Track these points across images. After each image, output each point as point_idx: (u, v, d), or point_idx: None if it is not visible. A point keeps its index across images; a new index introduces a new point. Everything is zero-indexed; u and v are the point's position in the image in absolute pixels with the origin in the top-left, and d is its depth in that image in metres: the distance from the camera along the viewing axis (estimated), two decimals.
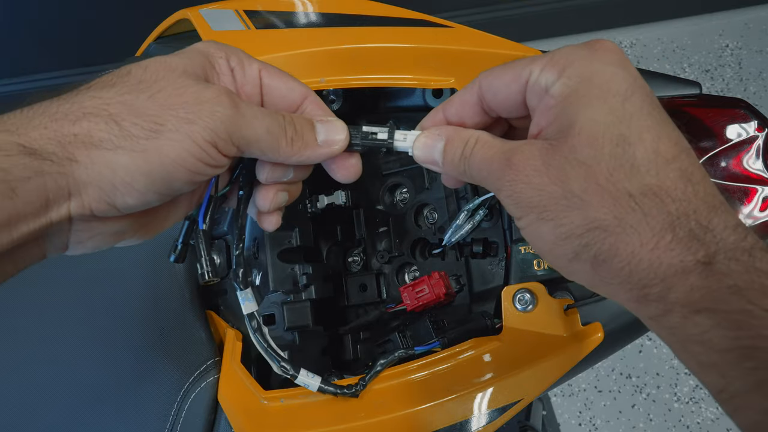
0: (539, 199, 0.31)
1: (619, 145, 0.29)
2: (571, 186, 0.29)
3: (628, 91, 0.30)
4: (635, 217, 0.28)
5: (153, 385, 0.54)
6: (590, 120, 0.30)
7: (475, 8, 1.62)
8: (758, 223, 0.48)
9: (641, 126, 0.29)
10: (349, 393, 0.46)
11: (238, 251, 0.40)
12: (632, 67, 0.31)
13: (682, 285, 0.27)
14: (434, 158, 0.37)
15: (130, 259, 0.57)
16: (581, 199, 0.29)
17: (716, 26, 1.81)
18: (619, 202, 0.29)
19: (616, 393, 1.51)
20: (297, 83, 0.38)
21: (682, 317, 0.28)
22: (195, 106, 0.32)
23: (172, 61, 0.34)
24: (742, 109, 0.49)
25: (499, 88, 0.34)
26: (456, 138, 0.36)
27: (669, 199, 0.28)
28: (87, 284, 0.59)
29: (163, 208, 0.36)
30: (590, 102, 0.30)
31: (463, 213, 0.50)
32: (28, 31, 1.42)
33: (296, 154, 0.36)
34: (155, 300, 0.56)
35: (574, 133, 0.30)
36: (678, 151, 0.29)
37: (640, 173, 0.28)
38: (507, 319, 0.47)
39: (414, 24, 0.52)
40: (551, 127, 0.31)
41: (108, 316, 0.58)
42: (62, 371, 0.58)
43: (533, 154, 0.31)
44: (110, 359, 0.57)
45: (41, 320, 0.59)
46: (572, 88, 0.30)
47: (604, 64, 0.31)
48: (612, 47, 0.31)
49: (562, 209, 0.30)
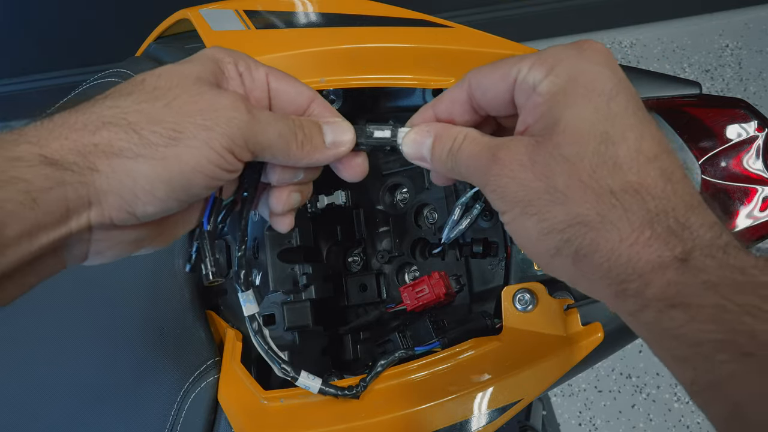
0: (524, 194, 0.31)
1: (602, 142, 0.30)
2: (555, 181, 0.30)
3: (614, 90, 0.31)
4: (616, 213, 0.29)
5: (153, 385, 0.54)
6: (575, 118, 0.30)
7: (475, 8, 1.62)
8: (758, 223, 0.48)
9: (625, 125, 0.30)
10: (350, 394, 0.46)
11: (240, 252, 0.40)
12: (618, 67, 0.32)
13: (659, 280, 0.28)
14: (423, 154, 0.37)
15: (130, 259, 0.57)
16: (564, 194, 0.30)
17: (716, 26, 1.81)
18: (601, 198, 0.29)
19: (616, 393, 1.51)
20: (304, 86, 0.39)
21: (658, 312, 0.28)
22: (212, 113, 0.32)
23: (185, 69, 0.34)
24: (742, 109, 0.49)
25: (488, 86, 0.35)
26: (444, 135, 0.36)
27: (649, 197, 0.29)
28: (87, 284, 0.59)
29: (179, 214, 0.37)
30: (576, 100, 0.31)
31: (458, 208, 0.50)
32: (28, 31, 1.42)
33: (306, 157, 0.36)
34: (155, 300, 0.56)
35: (559, 130, 0.30)
36: (660, 151, 0.30)
37: (622, 171, 0.29)
38: (507, 319, 0.47)
39: (414, 24, 0.52)
40: (537, 124, 0.32)
41: (108, 316, 0.58)
42: (62, 371, 0.58)
43: (519, 150, 0.32)
44: (110, 359, 0.57)
45: (41, 320, 0.59)
46: (559, 86, 0.31)
47: (591, 63, 0.31)
48: (599, 47, 0.32)
49: (546, 204, 0.30)
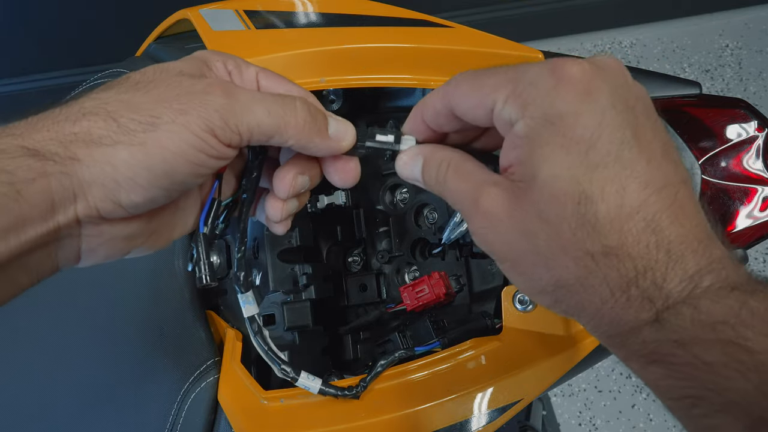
0: (510, 254, 0.31)
1: (581, 203, 0.29)
2: (538, 244, 0.30)
3: (594, 135, 0.29)
4: (596, 279, 0.29)
5: (153, 385, 0.54)
6: (552, 176, 0.29)
7: (475, 8, 1.62)
8: (758, 223, 0.48)
9: (605, 178, 0.29)
10: (350, 395, 0.46)
11: (239, 254, 0.40)
12: (603, 94, 0.29)
13: (636, 339, 0.29)
14: (416, 177, 0.37)
15: (130, 259, 0.57)
16: (547, 257, 0.30)
17: (716, 26, 1.81)
18: (580, 262, 0.29)
19: (616, 393, 1.51)
20: (294, 86, 0.38)
21: (639, 366, 0.30)
22: (187, 97, 0.32)
23: (170, 65, 0.34)
24: (742, 109, 0.49)
25: (466, 110, 0.33)
26: (431, 160, 0.35)
27: (628, 259, 0.28)
28: (87, 285, 0.59)
29: (172, 213, 0.36)
30: (553, 152, 0.29)
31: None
32: (28, 31, 1.42)
33: (306, 137, 0.35)
34: (155, 300, 0.56)
35: (536, 186, 0.29)
36: (646, 196, 0.29)
37: (601, 233, 0.28)
38: (507, 319, 0.47)
39: (414, 24, 0.52)
40: (518, 169, 0.31)
41: (108, 316, 0.58)
42: (62, 371, 0.58)
43: (500, 203, 0.31)
44: (110, 359, 0.57)
45: (42, 321, 0.59)
46: (536, 131, 0.30)
47: (568, 101, 0.29)
48: (577, 76, 0.29)
49: (531, 266, 0.31)
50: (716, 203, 0.48)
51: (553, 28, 1.75)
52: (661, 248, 0.28)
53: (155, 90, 0.32)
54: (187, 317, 0.55)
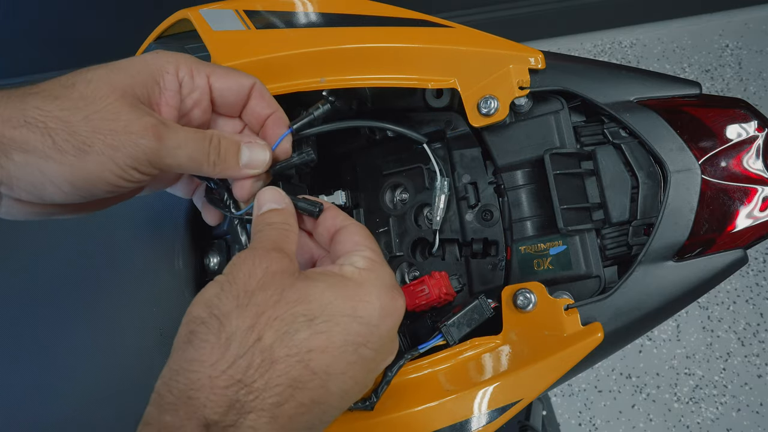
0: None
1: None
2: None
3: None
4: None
5: (153, 385, 0.54)
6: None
7: (475, 8, 1.62)
8: (758, 223, 0.48)
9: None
10: (363, 407, 0.45)
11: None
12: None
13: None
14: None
15: (130, 259, 0.57)
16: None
17: (716, 26, 1.81)
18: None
19: (616, 393, 1.51)
20: (243, 77, 0.43)
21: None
22: (121, 136, 0.36)
23: (116, 79, 0.38)
24: (742, 109, 0.49)
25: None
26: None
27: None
28: (87, 285, 0.59)
29: (100, 201, 0.41)
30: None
31: (437, 195, 0.53)
32: (28, 31, 1.42)
33: (218, 175, 0.41)
34: (155, 300, 0.56)
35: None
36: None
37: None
38: (507, 319, 0.47)
39: (414, 24, 0.52)
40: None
41: (108, 316, 0.58)
42: (62, 372, 0.58)
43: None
44: (110, 360, 0.57)
45: (42, 321, 0.59)
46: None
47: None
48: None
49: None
50: (716, 203, 0.48)
51: (553, 28, 1.75)
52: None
53: (95, 116, 0.36)
54: None
